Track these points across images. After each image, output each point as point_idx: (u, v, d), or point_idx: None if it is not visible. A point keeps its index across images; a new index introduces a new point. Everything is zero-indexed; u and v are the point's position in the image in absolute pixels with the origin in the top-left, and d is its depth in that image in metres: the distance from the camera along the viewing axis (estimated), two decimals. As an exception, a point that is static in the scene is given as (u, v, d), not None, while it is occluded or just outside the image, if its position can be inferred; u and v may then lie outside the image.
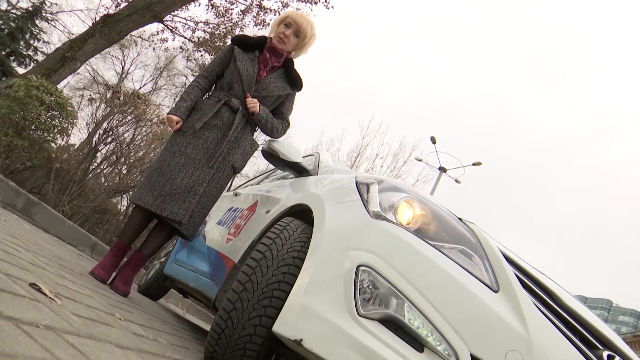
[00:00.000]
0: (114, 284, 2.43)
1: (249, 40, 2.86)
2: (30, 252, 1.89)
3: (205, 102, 2.71)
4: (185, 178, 2.49)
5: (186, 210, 2.49)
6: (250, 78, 2.74)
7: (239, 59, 2.76)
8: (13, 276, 1.18)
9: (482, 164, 15.58)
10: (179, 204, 2.48)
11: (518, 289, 1.59)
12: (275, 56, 2.83)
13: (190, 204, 2.50)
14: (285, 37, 2.79)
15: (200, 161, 2.55)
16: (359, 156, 17.48)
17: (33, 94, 6.09)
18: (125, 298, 2.30)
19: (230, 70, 2.78)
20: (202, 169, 2.54)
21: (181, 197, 2.49)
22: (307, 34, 2.87)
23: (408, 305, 1.49)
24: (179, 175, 2.50)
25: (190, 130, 2.60)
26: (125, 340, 1.26)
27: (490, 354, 1.47)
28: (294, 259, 1.73)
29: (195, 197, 2.51)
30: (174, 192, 2.48)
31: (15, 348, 0.71)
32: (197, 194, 2.52)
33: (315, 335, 1.47)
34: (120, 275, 2.51)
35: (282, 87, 2.86)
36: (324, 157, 3.06)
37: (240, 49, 2.81)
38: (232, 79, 2.75)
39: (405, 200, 1.73)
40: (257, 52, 2.82)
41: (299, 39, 2.87)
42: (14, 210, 4.33)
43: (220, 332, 1.66)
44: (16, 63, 14.60)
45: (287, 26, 2.82)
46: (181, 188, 2.48)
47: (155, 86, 20.88)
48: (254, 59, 2.79)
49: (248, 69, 2.75)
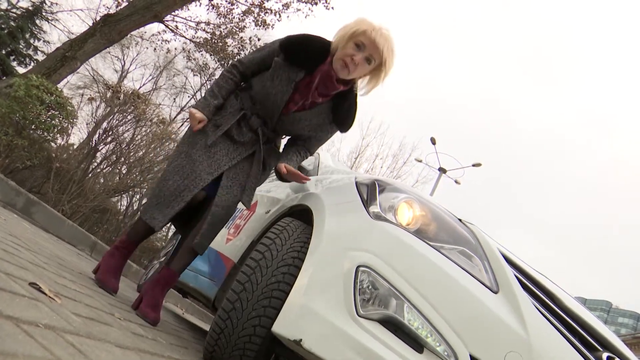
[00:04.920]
0: (141, 309, 1.96)
1: (301, 51, 2.11)
2: (30, 252, 1.89)
3: (230, 102, 2.20)
4: (177, 182, 2.09)
5: (165, 216, 2.08)
6: (275, 107, 2.14)
7: (274, 75, 2.11)
8: (13, 275, 1.18)
9: (482, 165, 15.59)
10: (160, 209, 2.10)
11: (518, 290, 1.59)
12: (325, 86, 2.10)
13: (172, 210, 2.08)
14: (352, 63, 2.03)
15: (200, 164, 2.11)
16: (359, 157, 17.51)
17: (33, 94, 6.10)
18: (153, 325, 1.91)
19: (262, 79, 2.17)
20: (200, 175, 2.09)
21: (165, 202, 2.10)
22: (385, 62, 2.08)
23: (408, 306, 1.49)
24: (173, 177, 2.11)
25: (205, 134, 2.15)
26: (124, 340, 1.26)
27: (490, 355, 1.47)
28: (293, 259, 1.73)
29: (180, 204, 2.08)
30: (161, 195, 2.11)
31: (15, 347, 0.71)
32: (184, 201, 2.07)
33: (315, 336, 1.47)
34: (148, 297, 2.02)
35: (319, 127, 2.23)
36: (323, 158, 3.06)
37: (283, 60, 2.10)
38: (258, 92, 2.18)
39: (405, 201, 1.73)
40: (302, 73, 2.10)
41: (370, 68, 2.10)
42: (13, 209, 4.32)
43: (220, 332, 1.66)
44: (16, 62, 14.60)
45: (358, 47, 2.03)
46: (169, 191, 2.09)
47: (155, 86, 20.87)
48: (292, 81, 2.10)
49: (276, 94, 2.11)
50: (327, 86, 2.10)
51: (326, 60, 2.08)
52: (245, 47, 11.80)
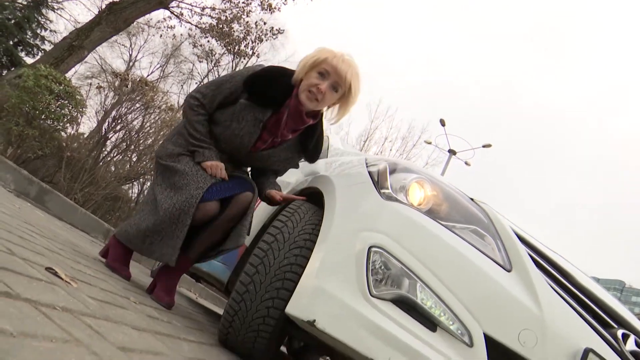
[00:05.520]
0: (155, 293, 1.98)
1: (265, 91, 2.04)
2: (45, 238, 1.92)
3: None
4: (168, 211, 1.92)
5: (174, 248, 1.92)
6: (242, 147, 2.09)
7: (240, 116, 2.04)
8: (29, 260, 1.20)
9: (492, 145, 15.48)
10: (166, 242, 1.93)
11: (531, 268, 1.58)
12: (295, 122, 2.07)
13: (179, 239, 1.91)
14: (319, 92, 1.99)
15: (187, 185, 1.96)
16: (368, 140, 17.48)
17: (42, 84, 6.13)
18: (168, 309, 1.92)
19: (226, 118, 2.08)
20: (190, 194, 1.93)
21: (168, 234, 1.94)
22: (351, 88, 2.05)
23: (420, 286, 1.49)
24: (163, 209, 1.94)
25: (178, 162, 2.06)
26: (140, 322, 1.27)
27: (503, 332, 1.47)
28: (305, 241, 1.74)
29: (182, 230, 1.91)
30: (160, 230, 1.94)
31: (35, 328, 0.73)
32: (185, 225, 1.90)
33: (328, 316, 1.48)
34: (162, 282, 2.03)
35: (287, 161, 2.21)
36: (333, 141, 3.05)
37: (247, 99, 2.04)
38: (222, 132, 2.10)
39: (416, 181, 1.72)
40: (269, 112, 2.05)
41: (338, 96, 2.06)
42: (27, 198, 4.38)
43: (234, 314, 1.68)
44: (24, 53, 14.64)
45: (322, 75, 2.01)
46: (166, 224, 1.92)
47: (163, 73, 20.86)
48: (260, 122, 2.05)
49: (243, 136, 2.06)
50: (296, 122, 2.07)
51: (292, 93, 2.04)
52: (251, 31, 11.74)
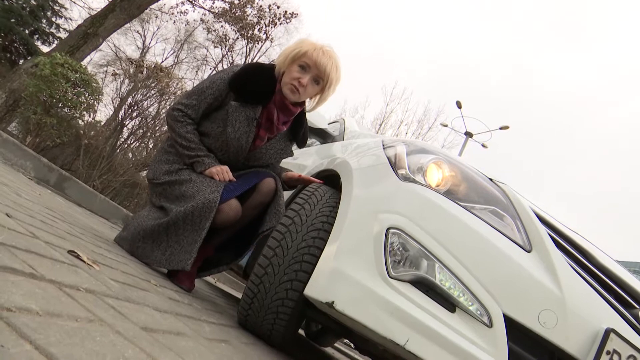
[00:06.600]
0: (177, 277, 1.98)
1: (251, 88, 2.08)
2: (66, 223, 1.95)
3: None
4: (189, 217, 1.93)
5: (191, 253, 1.91)
6: (240, 150, 2.11)
7: (232, 119, 2.06)
8: (52, 244, 1.22)
9: (510, 127, 15.28)
10: (186, 250, 1.93)
11: (551, 248, 1.56)
12: (284, 114, 2.14)
13: (196, 243, 1.91)
14: (300, 86, 2.06)
15: (199, 192, 1.96)
16: (383, 123, 17.39)
17: (58, 72, 6.18)
18: (188, 292, 1.94)
19: (217, 122, 2.10)
20: (206, 197, 1.93)
21: (188, 241, 1.93)
22: (331, 81, 2.12)
23: (439, 266, 1.48)
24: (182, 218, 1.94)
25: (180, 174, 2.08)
26: (162, 304, 1.29)
27: (523, 313, 1.46)
28: (323, 223, 1.74)
29: (201, 234, 1.91)
30: (179, 240, 1.95)
31: (60, 308, 0.74)
32: (204, 229, 1.91)
33: (347, 298, 1.48)
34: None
35: (282, 151, 2.26)
36: (349, 123, 3.03)
37: (235, 100, 2.08)
38: (216, 141, 2.11)
39: (434, 162, 1.70)
40: (259, 108, 2.10)
41: (319, 88, 2.14)
42: (47, 185, 4.45)
43: (253, 296, 1.69)
44: (40, 41, 14.78)
45: (302, 69, 2.07)
46: (188, 231, 1.93)
47: (177, 59, 20.90)
48: (253, 119, 2.08)
49: (240, 138, 2.08)
50: (286, 114, 2.15)
51: (276, 88, 2.11)
52: (265, 15, 11.67)
